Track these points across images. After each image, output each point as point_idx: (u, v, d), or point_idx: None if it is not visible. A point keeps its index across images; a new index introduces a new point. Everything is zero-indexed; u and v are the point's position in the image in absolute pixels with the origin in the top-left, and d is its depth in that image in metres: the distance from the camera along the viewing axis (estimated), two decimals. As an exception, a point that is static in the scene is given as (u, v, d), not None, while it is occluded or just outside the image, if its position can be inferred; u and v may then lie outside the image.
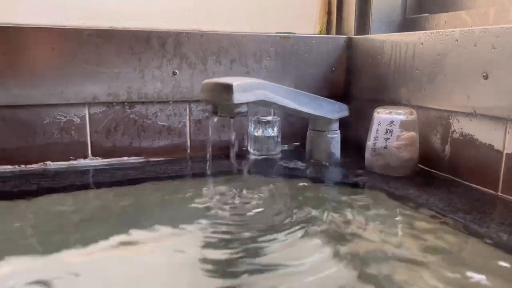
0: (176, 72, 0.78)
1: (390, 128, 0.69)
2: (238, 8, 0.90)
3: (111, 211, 0.57)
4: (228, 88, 0.51)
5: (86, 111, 0.75)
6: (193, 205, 0.58)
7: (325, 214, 0.55)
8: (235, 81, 0.52)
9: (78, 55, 0.72)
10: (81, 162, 0.75)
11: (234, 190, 0.61)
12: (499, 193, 0.61)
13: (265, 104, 0.59)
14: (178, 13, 0.85)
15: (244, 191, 0.61)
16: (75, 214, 0.56)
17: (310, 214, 0.55)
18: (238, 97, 0.52)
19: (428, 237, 0.50)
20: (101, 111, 0.76)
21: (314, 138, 0.75)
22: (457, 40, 0.66)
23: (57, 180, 0.66)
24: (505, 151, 0.60)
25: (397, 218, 0.55)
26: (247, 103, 0.54)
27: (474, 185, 0.65)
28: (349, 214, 0.55)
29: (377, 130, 0.70)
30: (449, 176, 0.69)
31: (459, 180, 0.67)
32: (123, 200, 0.60)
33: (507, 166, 0.60)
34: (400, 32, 0.92)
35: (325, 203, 0.60)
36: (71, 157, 0.75)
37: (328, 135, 0.74)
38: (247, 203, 0.57)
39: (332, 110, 0.72)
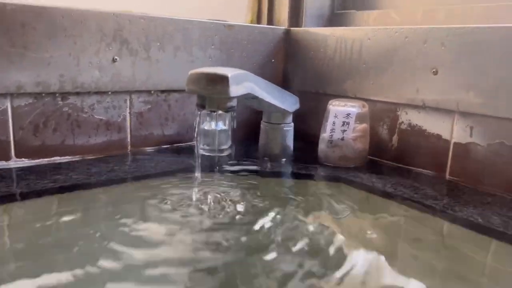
0: (116, 59, 0.69)
1: (347, 120, 0.71)
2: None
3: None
4: (224, 79, 0.46)
5: (8, 104, 0.62)
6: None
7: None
8: (229, 72, 0.47)
9: (-3, 35, 0.59)
10: (2, 165, 0.62)
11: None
12: (447, 176, 0.67)
13: (245, 98, 0.55)
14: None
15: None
16: None
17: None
18: (234, 90, 0.47)
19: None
20: (27, 103, 0.63)
21: (270, 131, 0.73)
22: (407, 37, 0.70)
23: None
24: (453, 140, 0.67)
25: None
26: (237, 96, 0.50)
27: (423, 170, 0.70)
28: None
29: (334, 123, 0.72)
30: (396, 164, 0.74)
31: (407, 166, 0.72)
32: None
33: (454, 154, 0.67)
34: (328, 26, 0.95)
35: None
36: (-10, 160, 0.61)
37: (284, 128, 0.73)
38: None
39: (292, 103, 0.71)
